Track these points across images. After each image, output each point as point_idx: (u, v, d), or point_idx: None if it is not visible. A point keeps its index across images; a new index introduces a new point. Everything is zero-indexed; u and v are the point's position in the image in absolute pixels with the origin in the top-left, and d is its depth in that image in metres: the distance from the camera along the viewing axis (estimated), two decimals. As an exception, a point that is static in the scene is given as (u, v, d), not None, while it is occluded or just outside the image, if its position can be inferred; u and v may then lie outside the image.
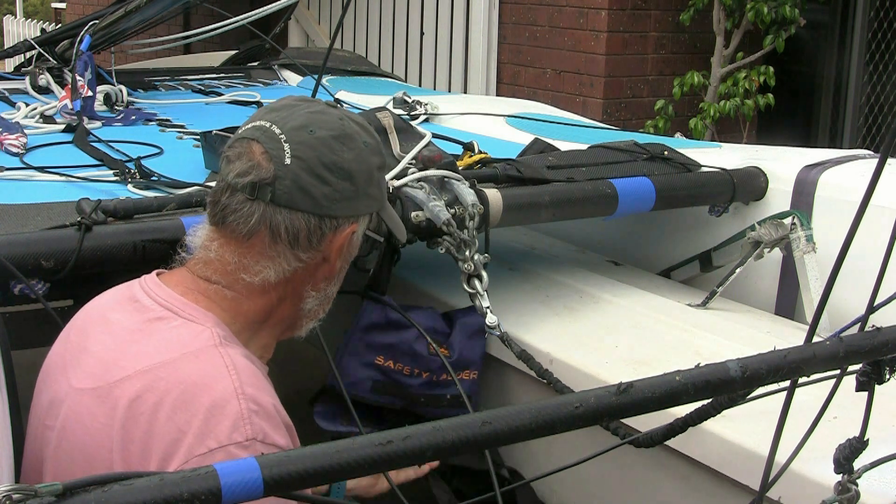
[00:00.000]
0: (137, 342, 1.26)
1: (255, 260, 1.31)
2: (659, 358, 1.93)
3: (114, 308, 1.33)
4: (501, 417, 0.86)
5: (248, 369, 1.24)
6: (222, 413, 1.16)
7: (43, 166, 2.29)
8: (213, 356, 1.22)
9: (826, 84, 5.74)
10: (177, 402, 1.18)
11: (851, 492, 1.05)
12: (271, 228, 1.29)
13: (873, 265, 1.06)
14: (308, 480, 0.79)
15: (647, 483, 1.83)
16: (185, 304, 1.29)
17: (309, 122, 1.33)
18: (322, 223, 1.31)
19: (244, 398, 1.18)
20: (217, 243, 1.33)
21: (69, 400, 1.27)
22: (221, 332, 1.27)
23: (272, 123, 1.33)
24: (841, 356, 1.02)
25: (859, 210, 0.99)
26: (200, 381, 1.19)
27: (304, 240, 1.31)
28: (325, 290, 1.39)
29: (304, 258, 1.32)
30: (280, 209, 1.29)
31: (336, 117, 1.36)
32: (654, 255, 2.66)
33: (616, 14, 5.20)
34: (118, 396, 1.21)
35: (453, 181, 2.01)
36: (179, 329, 1.26)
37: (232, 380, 1.19)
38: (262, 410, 1.19)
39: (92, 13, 3.71)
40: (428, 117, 3.20)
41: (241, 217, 1.30)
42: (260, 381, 1.25)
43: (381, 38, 6.54)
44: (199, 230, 1.37)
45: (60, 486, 0.73)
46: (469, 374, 2.01)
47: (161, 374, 1.20)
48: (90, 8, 8.93)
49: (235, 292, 1.32)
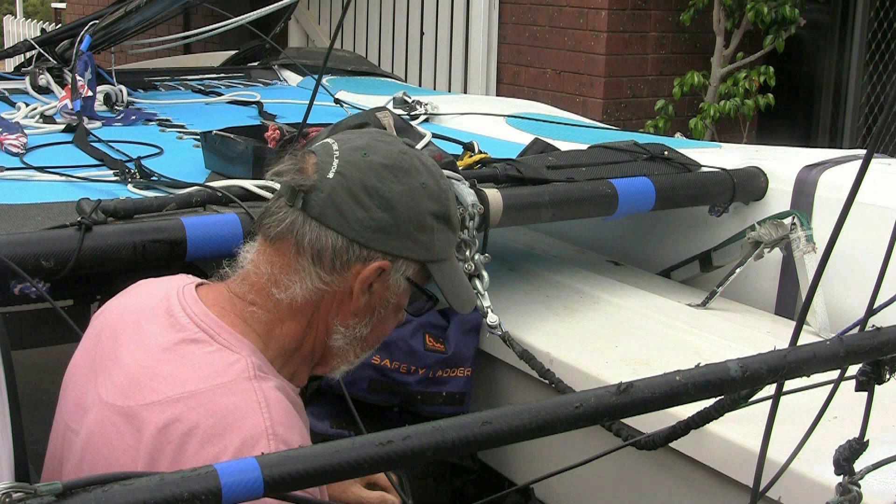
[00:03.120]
0: (169, 363, 1.24)
1: (283, 272, 1.29)
2: (659, 358, 1.93)
3: (148, 318, 1.31)
4: (501, 417, 0.86)
5: (280, 404, 1.22)
6: (251, 452, 1.14)
7: (43, 166, 2.29)
8: (245, 390, 1.20)
9: (826, 84, 5.74)
10: (206, 435, 1.16)
11: (853, 493, 1.05)
12: (297, 237, 1.27)
13: (874, 266, 1.06)
14: (308, 480, 0.79)
15: (648, 483, 1.83)
16: (221, 328, 1.27)
17: (367, 146, 1.31)
18: (350, 248, 1.27)
19: (273, 438, 1.17)
20: (255, 252, 1.32)
21: (96, 410, 1.26)
22: (257, 362, 1.25)
23: (336, 142, 1.32)
24: (841, 356, 1.02)
25: (845, 206, 0.98)
26: (231, 416, 1.18)
27: (329, 260, 1.27)
28: (355, 330, 1.33)
29: (327, 280, 1.28)
30: (310, 220, 1.27)
31: (398, 150, 1.31)
32: (654, 255, 2.66)
33: (616, 14, 5.20)
34: (146, 420, 1.20)
35: (453, 181, 2.01)
36: (213, 356, 1.24)
37: (263, 418, 1.18)
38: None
39: (92, 13, 3.71)
40: (428, 117, 3.20)
41: (274, 220, 1.29)
42: (291, 418, 1.23)
43: (381, 38, 6.53)
44: (246, 245, 1.36)
45: (60, 485, 0.73)
46: (463, 370, 2.03)
47: (192, 404, 1.19)
48: (90, 8, 8.93)
49: (268, 314, 1.30)
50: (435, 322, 2.04)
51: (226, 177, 2.16)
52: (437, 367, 2.00)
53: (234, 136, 2.28)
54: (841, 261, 2.12)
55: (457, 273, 1.42)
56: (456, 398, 2.01)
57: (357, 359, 1.38)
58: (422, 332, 2.00)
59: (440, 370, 2.00)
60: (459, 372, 2.02)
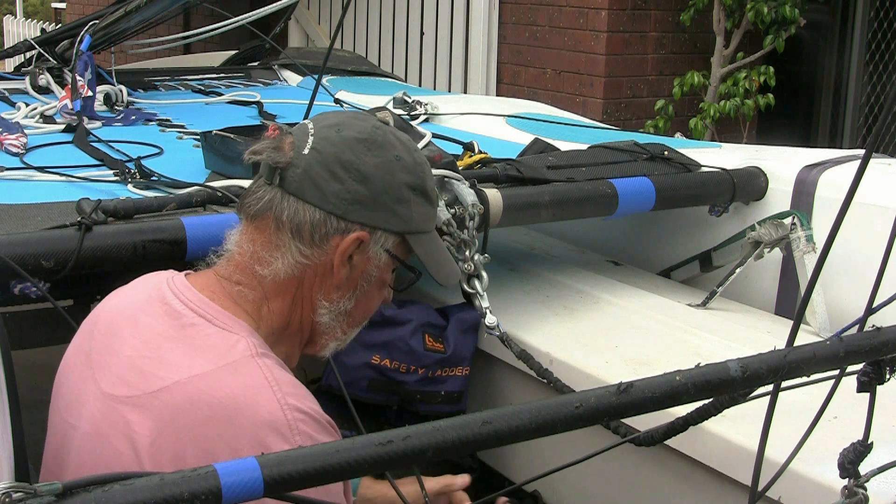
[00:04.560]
0: (172, 350, 1.25)
1: (264, 248, 1.31)
2: (659, 358, 1.93)
3: (143, 310, 1.32)
4: (501, 417, 0.86)
5: (286, 377, 1.24)
6: (271, 427, 1.18)
7: (43, 166, 2.29)
8: (252, 368, 1.22)
9: (826, 84, 5.74)
10: (223, 417, 1.18)
11: (859, 495, 1.05)
12: (275, 213, 1.30)
13: (874, 266, 1.06)
14: (308, 480, 0.79)
15: (647, 482, 1.83)
16: (217, 311, 1.29)
17: (341, 123, 1.34)
18: (328, 220, 1.30)
19: (289, 409, 1.19)
20: (238, 234, 1.35)
21: (98, 404, 1.26)
22: (256, 341, 1.27)
23: (312, 121, 1.35)
24: (841, 356, 1.02)
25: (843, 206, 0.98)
26: (243, 395, 1.19)
27: (308, 233, 1.30)
28: (339, 304, 1.36)
29: (308, 254, 1.31)
30: (288, 196, 1.30)
31: (371, 125, 1.35)
32: (654, 255, 2.66)
33: (616, 14, 5.20)
34: (158, 407, 1.20)
35: (453, 181, 2.01)
36: (214, 338, 1.26)
37: (274, 392, 1.20)
38: (307, 417, 1.21)
39: (92, 13, 3.71)
40: (428, 117, 3.20)
41: (253, 199, 1.32)
42: (299, 388, 1.25)
43: (381, 38, 6.54)
44: (232, 230, 1.38)
45: (60, 485, 0.73)
46: (462, 370, 2.03)
47: (201, 386, 1.20)
48: (90, 8, 8.93)
49: (254, 292, 1.32)
50: (434, 322, 2.04)
51: (226, 177, 2.16)
52: (436, 367, 2.01)
53: (234, 136, 2.28)
54: (841, 261, 2.13)
55: (438, 246, 1.44)
56: (454, 397, 2.02)
57: (345, 335, 1.41)
58: (421, 332, 2.01)
59: (439, 370, 2.01)
60: (458, 371, 2.03)
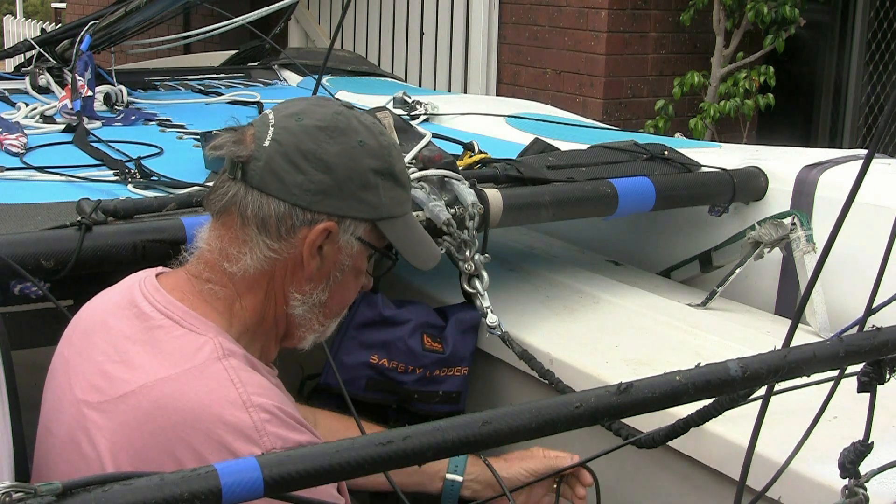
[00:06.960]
0: (139, 353, 1.24)
1: (232, 245, 1.30)
2: (659, 358, 1.93)
3: (115, 313, 1.31)
4: (501, 417, 0.86)
5: (253, 379, 1.23)
6: (237, 431, 1.16)
7: (43, 166, 2.29)
8: (217, 371, 1.21)
9: (826, 84, 5.74)
10: (188, 421, 1.17)
11: (859, 495, 1.05)
12: (240, 209, 1.28)
13: (874, 266, 1.06)
14: (308, 480, 0.78)
15: (647, 482, 1.83)
16: (185, 313, 1.28)
17: (302, 111, 1.32)
18: (293, 212, 1.28)
19: (255, 410, 1.18)
20: (207, 231, 1.34)
21: (73, 410, 1.26)
22: (223, 341, 1.25)
23: (273, 111, 1.34)
24: (841, 356, 1.02)
25: (844, 206, 0.98)
26: (208, 398, 1.18)
27: (274, 227, 1.28)
28: (312, 296, 1.34)
29: (276, 248, 1.29)
30: (251, 190, 1.28)
31: (333, 111, 1.32)
32: (654, 255, 2.66)
33: (616, 14, 5.20)
34: (123, 411, 1.20)
35: (453, 181, 2.01)
36: (181, 340, 1.25)
37: (239, 393, 1.18)
38: (273, 418, 1.19)
39: (92, 13, 3.71)
40: (428, 117, 3.20)
41: (218, 195, 1.31)
42: (267, 389, 1.24)
43: (381, 38, 6.54)
44: (201, 228, 1.37)
45: (60, 485, 0.73)
46: (460, 370, 2.03)
47: (167, 390, 1.19)
48: (90, 8, 8.94)
49: (225, 289, 1.31)
50: (433, 322, 2.04)
51: (226, 177, 2.16)
52: (435, 367, 2.00)
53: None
54: (841, 261, 2.12)
55: (412, 229, 1.41)
56: (452, 396, 2.02)
57: (322, 327, 1.39)
58: (420, 332, 2.01)
59: (437, 369, 2.00)
60: (456, 371, 2.03)
